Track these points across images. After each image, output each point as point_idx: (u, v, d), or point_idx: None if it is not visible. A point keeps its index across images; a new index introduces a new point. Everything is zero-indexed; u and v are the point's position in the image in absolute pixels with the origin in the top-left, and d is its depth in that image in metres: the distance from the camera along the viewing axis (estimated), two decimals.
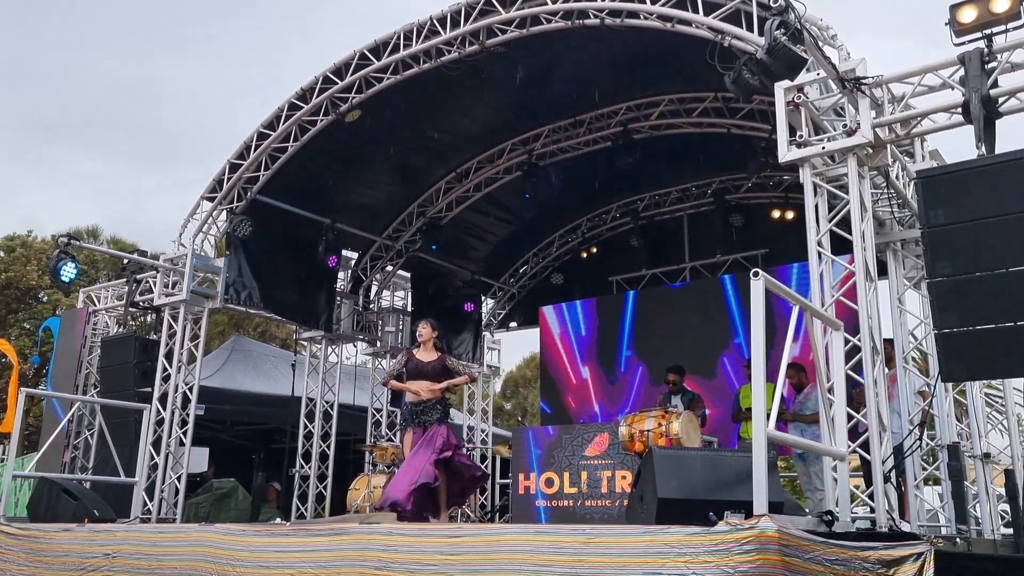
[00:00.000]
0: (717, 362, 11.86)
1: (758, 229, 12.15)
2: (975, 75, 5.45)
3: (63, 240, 10.20)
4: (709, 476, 4.91)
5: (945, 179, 5.22)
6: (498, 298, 14.72)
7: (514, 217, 13.26)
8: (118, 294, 11.90)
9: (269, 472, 11.68)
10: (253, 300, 10.79)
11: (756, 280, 4.29)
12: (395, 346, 12.96)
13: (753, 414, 4.18)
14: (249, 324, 22.17)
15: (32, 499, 8.64)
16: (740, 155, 10.94)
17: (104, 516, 7.81)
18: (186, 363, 10.43)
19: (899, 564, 4.06)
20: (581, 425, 10.41)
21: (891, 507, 5.56)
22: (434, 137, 11.31)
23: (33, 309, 21.63)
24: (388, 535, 5.11)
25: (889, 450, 5.82)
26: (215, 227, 10.63)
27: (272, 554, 5.53)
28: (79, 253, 11.59)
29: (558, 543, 4.38)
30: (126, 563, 6.31)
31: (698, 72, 9.06)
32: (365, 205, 12.21)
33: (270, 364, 14.24)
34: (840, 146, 6.07)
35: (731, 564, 3.79)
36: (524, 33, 8.41)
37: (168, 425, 10.13)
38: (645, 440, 7.60)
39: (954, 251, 5.02)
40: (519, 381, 32.97)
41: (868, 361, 5.77)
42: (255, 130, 10.08)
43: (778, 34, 5.46)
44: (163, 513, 9.92)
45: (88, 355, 11.93)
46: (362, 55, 9.26)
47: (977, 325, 4.90)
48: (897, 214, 7.47)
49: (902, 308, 7.40)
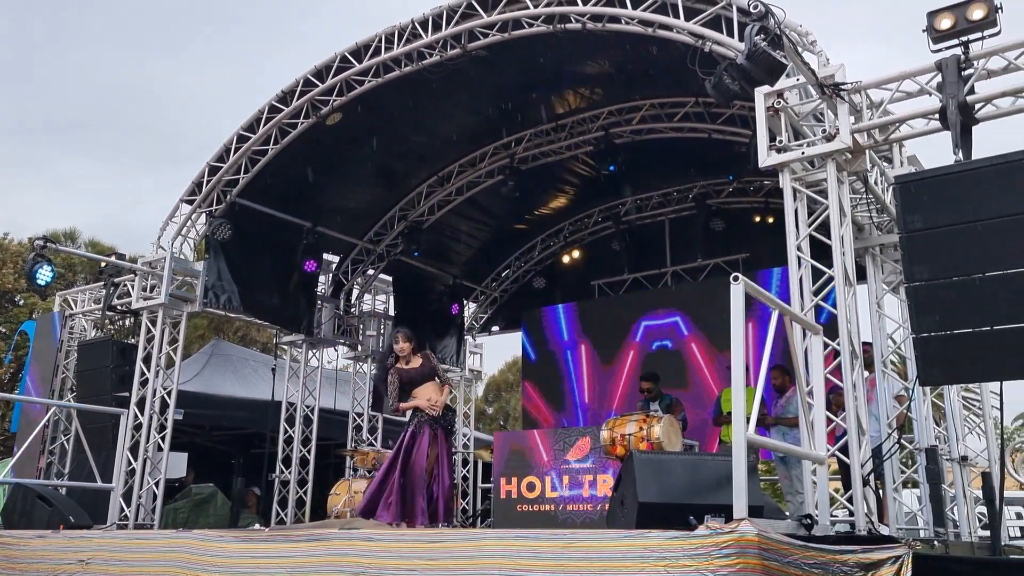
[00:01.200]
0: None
1: (739, 233, 12.21)
2: (952, 81, 5.51)
3: (39, 243, 10.08)
4: (690, 480, 4.91)
5: (923, 184, 5.26)
6: (480, 302, 14.69)
7: (496, 221, 13.24)
8: (95, 297, 11.79)
9: (249, 477, 11.57)
10: (233, 304, 10.70)
11: (736, 284, 4.30)
12: (375, 350, 12.91)
13: (733, 418, 4.18)
14: (229, 328, 22.00)
15: (6, 506, 8.52)
16: (721, 160, 11.00)
17: (80, 523, 7.71)
18: (164, 367, 10.32)
19: (877, 567, 4.08)
20: (563, 429, 10.40)
21: (870, 510, 5.59)
22: (416, 140, 11.28)
23: (9, 313, 21.35)
24: (367, 540, 5.07)
25: (868, 453, 5.85)
26: (194, 230, 10.54)
27: (249, 560, 5.48)
28: (56, 256, 11.45)
29: (538, 548, 4.36)
30: (100, 569, 6.22)
31: (679, 77, 9.10)
32: (346, 208, 12.15)
33: (250, 368, 14.12)
34: (819, 151, 6.11)
35: (711, 568, 3.79)
36: (506, 37, 8.40)
37: (146, 430, 10.02)
38: (626, 444, 7.60)
39: (932, 256, 5.06)
40: (501, 385, 32.92)
41: (847, 365, 5.81)
42: (234, 132, 10.00)
43: (758, 39, 5.49)
44: (141, 519, 9.80)
45: (65, 359, 11.79)
46: (343, 58, 9.22)
47: (955, 329, 4.94)
48: (876, 219, 7.52)
49: (881, 312, 7.45)
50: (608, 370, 12.77)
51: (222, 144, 10.11)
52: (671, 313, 12.37)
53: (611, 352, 12.73)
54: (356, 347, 13.07)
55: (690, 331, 12.16)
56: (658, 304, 12.54)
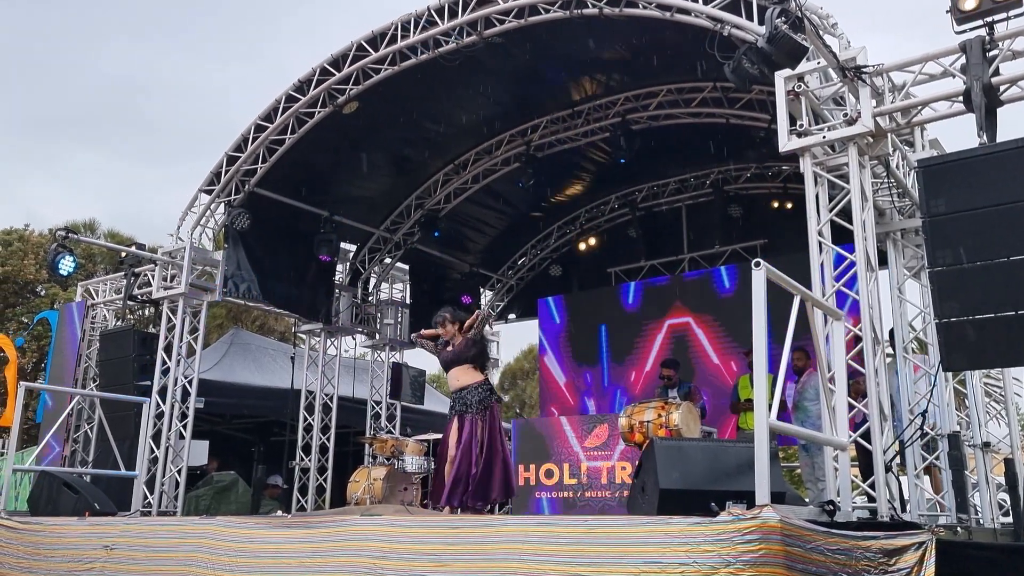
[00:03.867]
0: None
1: (757, 219, 12.14)
2: (976, 63, 5.43)
3: (60, 234, 10.15)
4: (710, 467, 4.91)
5: (946, 168, 5.20)
6: (496, 290, 14.69)
7: (512, 208, 13.22)
8: (116, 287, 11.87)
9: (269, 465, 11.67)
10: (252, 293, 10.77)
11: (757, 270, 4.27)
12: (394, 338, 12.96)
13: (755, 404, 4.16)
14: (248, 317, 22.14)
15: (32, 493, 8.63)
16: (739, 145, 10.91)
17: (105, 510, 7.80)
18: (185, 356, 10.41)
19: (900, 553, 4.06)
20: (580, 416, 10.41)
21: (892, 496, 5.56)
22: (432, 128, 11.27)
23: (31, 303, 21.59)
24: (388, 526, 5.11)
25: (890, 439, 5.82)
26: (213, 220, 10.59)
27: (271, 545, 5.53)
28: (76, 247, 11.54)
29: (558, 534, 4.38)
30: (124, 555, 6.31)
31: (697, 62, 9.04)
32: (363, 197, 12.17)
33: (269, 357, 14.21)
34: (840, 135, 6.05)
35: (733, 553, 3.79)
36: (522, 23, 8.36)
37: (168, 418, 10.12)
38: (645, 431, 7.59)
39: (955, 240, 5.00)
40: (517, 373, 32.97)
41: (869, 351, 5.76)
42: (252, 122, 10.03)
43: (779, 22, 5.44)
44: (164, 506, 9.92)
45: (87, 349, 11.91)
46: (359, 46, 9.21)
47: (978, 314, 4.89)
48: (897, 203, 7.46)
49: (902, 298, 7.39)
50: (629, 357, 12.73)
51: (240, 134, 10.15)
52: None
53: (628, 342, 12.69)
54: (373, 335, 13.12)
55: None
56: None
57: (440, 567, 4.71)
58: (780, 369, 4.57)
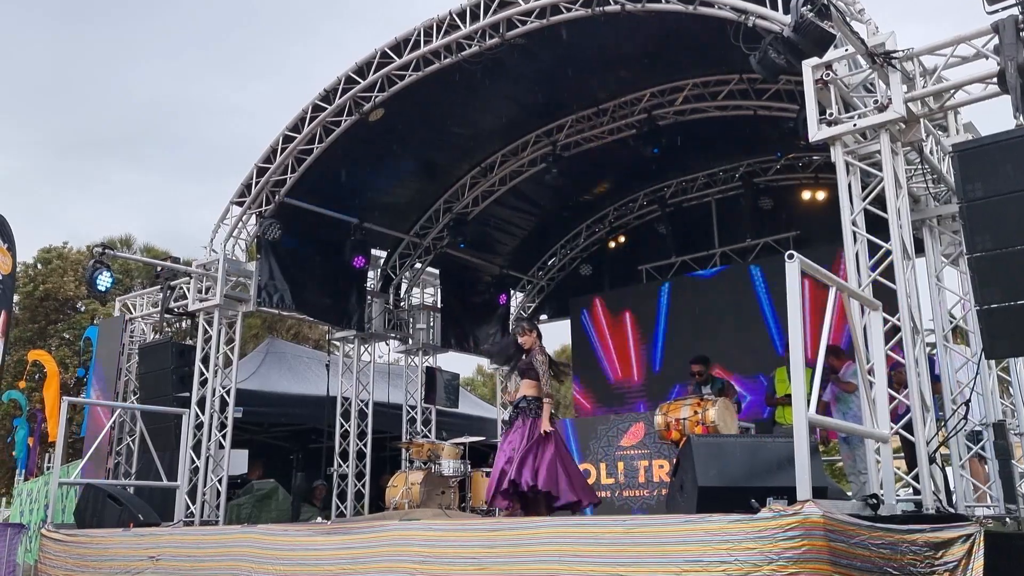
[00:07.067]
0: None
1: (788, 211, 11.99)
2: (1010, 43, 5.30)
3: (98, 250, 10.35)
4: (749, 463, 4.86)
5: (982, 151, 5.10)
6: (527, 292, 14.68)
7: (540, 209, 13.20)
8: (153, 301, 12.08)
9: (308, 472, 11.78)
10: (285, 302, 10.88)
11: (791, 262, 4.21)
12: (427, 343, 13.02)
13: (793, 398, 4.11)
14: (282, 326, 22.40)
15: (78, 506, 8.80)
16: (767, 137, 10.78)
17: (149, 520, 7.94)
18: (222, 367, 10.55)
19: (948, 546, 3.98)
20: (616, 415, 10.35)
21: (937, 488, 5.45)
22: (458, 132, 11.29)
23: (72, 319, 22.05)
24: (427, 530, 5.13)
25: (933, 430, 5.71)
26: (245, 231, 10.73)
27: (312, 552, 5.58)
28: (114, 262, 11.75)
29: (597, 534, 4.36)
30: (169, 564, 6.40)
31: (722, 55, 8.93)
32: (392, 203, 12.23)
33: (304, 365, 14.35)
34: (872, 122, 5.94)
35: (775, 551, 3.74)
36: (544, 23, 8.35)
37: (207, 429, 10.26)
38: (681, 428, 7.54)
39: (994, 224, 4.90)
40: None
41: (908, 341, 5.66)
42: (280, 133, 10.14)
43: (804, 11, 5.36)
44: (206, 515, 10.05)
45: (127, 362, 12.12)
46: (383, 53, 9.27)
47: (1020, 300, 4.78)
48: (932, 190, 7.31)
49: (940, 286, 7.25)
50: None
51: (268, 145, 10.26)
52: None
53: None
54: (407, 340, 13.18)
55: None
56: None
57: (480, 570, 4.72)
58: (818, 362, 4.51)
